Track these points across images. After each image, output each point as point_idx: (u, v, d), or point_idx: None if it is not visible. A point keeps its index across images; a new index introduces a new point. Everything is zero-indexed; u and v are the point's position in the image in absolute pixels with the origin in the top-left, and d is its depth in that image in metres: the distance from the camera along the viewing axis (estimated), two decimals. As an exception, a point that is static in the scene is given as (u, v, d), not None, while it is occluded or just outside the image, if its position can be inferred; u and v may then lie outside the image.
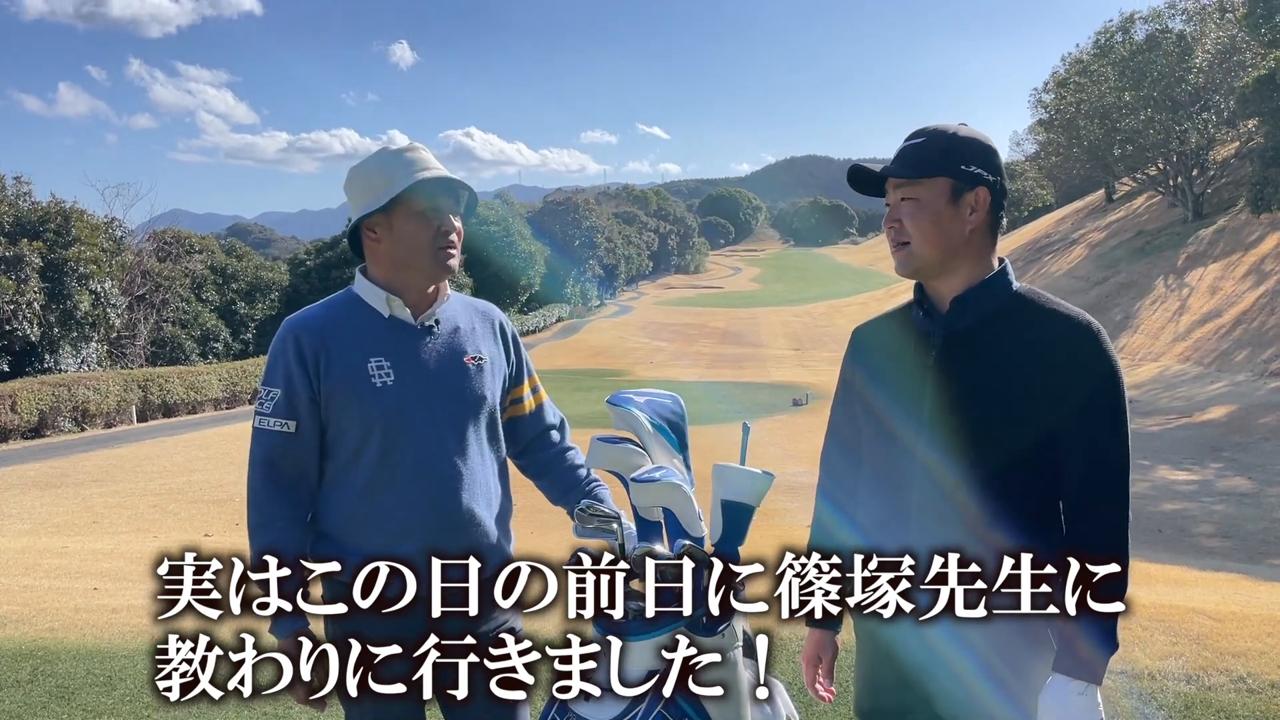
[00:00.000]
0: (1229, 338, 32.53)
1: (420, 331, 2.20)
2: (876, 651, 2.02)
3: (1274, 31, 33.32)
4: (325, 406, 2.14)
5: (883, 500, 1.95)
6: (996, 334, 1.86)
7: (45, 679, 4.45)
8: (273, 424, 2.13)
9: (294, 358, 2.13)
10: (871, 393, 2.01)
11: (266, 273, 50.72)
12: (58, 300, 30.74)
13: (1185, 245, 42.30)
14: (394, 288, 2.19)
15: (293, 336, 2.16)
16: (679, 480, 1.97)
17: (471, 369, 2.23)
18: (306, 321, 2.19)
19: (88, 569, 8.40)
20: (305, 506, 2.18)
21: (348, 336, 2.16)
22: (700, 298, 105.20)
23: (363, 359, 2.14)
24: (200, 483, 16.96)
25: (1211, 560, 11.65)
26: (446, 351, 2.22)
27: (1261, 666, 4.23)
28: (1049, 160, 61.72)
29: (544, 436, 2.43)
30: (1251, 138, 41.31)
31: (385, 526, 2.12)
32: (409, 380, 2.15)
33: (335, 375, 2.12)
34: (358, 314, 2.20)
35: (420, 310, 2.22)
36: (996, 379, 1.83)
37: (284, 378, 2.13)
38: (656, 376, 42.70)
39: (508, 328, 2.38)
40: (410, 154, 2.19)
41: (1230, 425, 23.92)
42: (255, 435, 2.16)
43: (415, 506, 2.13)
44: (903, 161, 1.89)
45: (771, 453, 18.28)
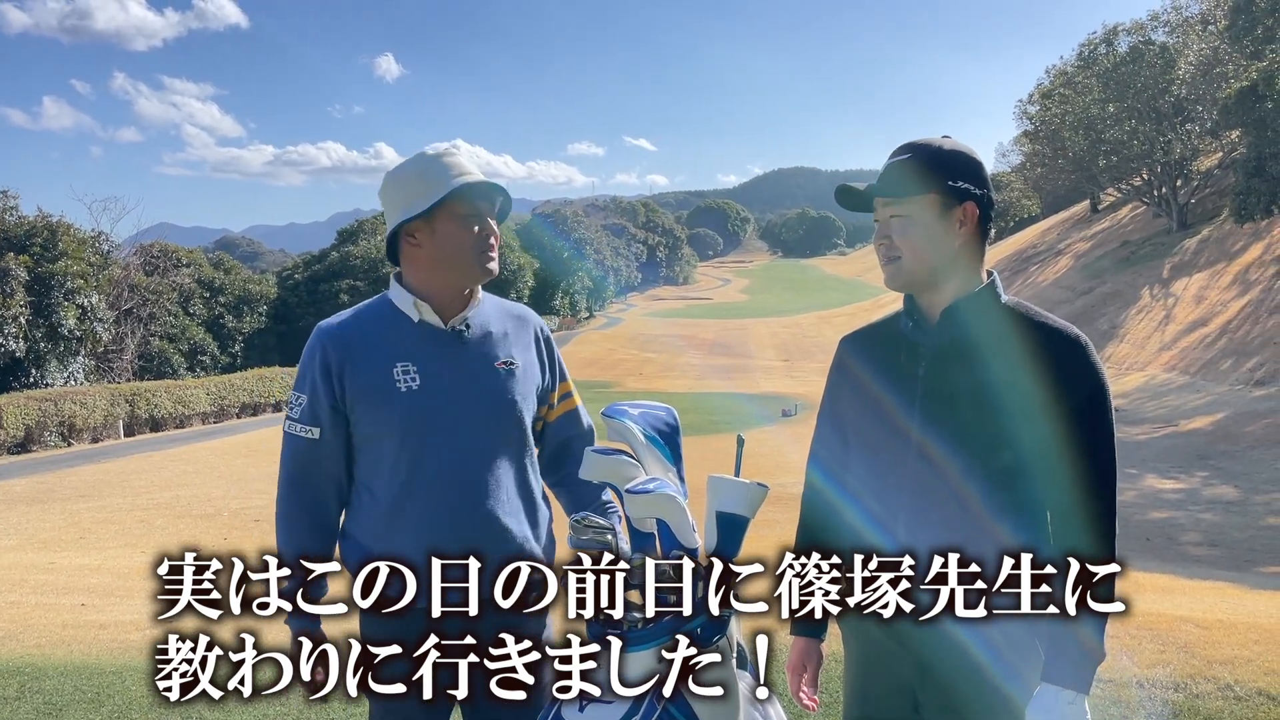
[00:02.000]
0: (1214, 347, 32.73)
1: (450, 336, 2.20)
2: (865, 660, 2.03)
3: (1256, 43, 33.66)
4: (350, 411, 2.15)
5: (872, 506, 1.96)
6: (985, 346, 1.88)
7: (33, 695, 4.42)
8: (299, 429, 2.16)
9: (319, 366, 2.15)
10: (860, 402, 2.01)
11: (254, 286, 50.62)
12: (44, 314, 30.58)
13: (1170, 255, 42.58)
14: (428, 292, 2.20)
15: (320, 345, 2.17)
16: (672, 492, 1.98)
17: (503, 374, 2.22)
18: (334, 328, 2.21)
19: (75, 585, 8.34)
20: (332, 511, 2.20)
21: (374, 341, 2.17)
22: (689, 309, 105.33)
23: (388, 364, 2.14)
24: (188, 497, 16.85)
25: (1199, 568, 11.70)
26: (476, 357, 2.21)
27: (1248, 674, 4.26)
28: (1034, 171, 62.00)
29: (569, 445, 2.40)
30: (1234, 148, 41.66)
31: (411, 532, 2.12)
32: (435, 385, 2.15)
33: (360, 381, 2.13)
34: (388, 319, 2.21)
35: (451, 315, 2.21)
36: (985, 390, 1.85)
37: (309, 385, 2.16)
38: (646, 388, 42.68)
39: (544, 332, 2.37)
40: (448, 159, 2.19)
41: (1216, 434, 24.05)
42: (285, 439, 2.19)
43: (440, 512, 2.13)
44: (890, 179, 1.90)
45: (762, 463, 18.28)
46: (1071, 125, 48.24)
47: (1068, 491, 1.83)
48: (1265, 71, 30.34)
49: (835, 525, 2.03)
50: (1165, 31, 46.91)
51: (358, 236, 54.92)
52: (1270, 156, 30.59)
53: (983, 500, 1.84)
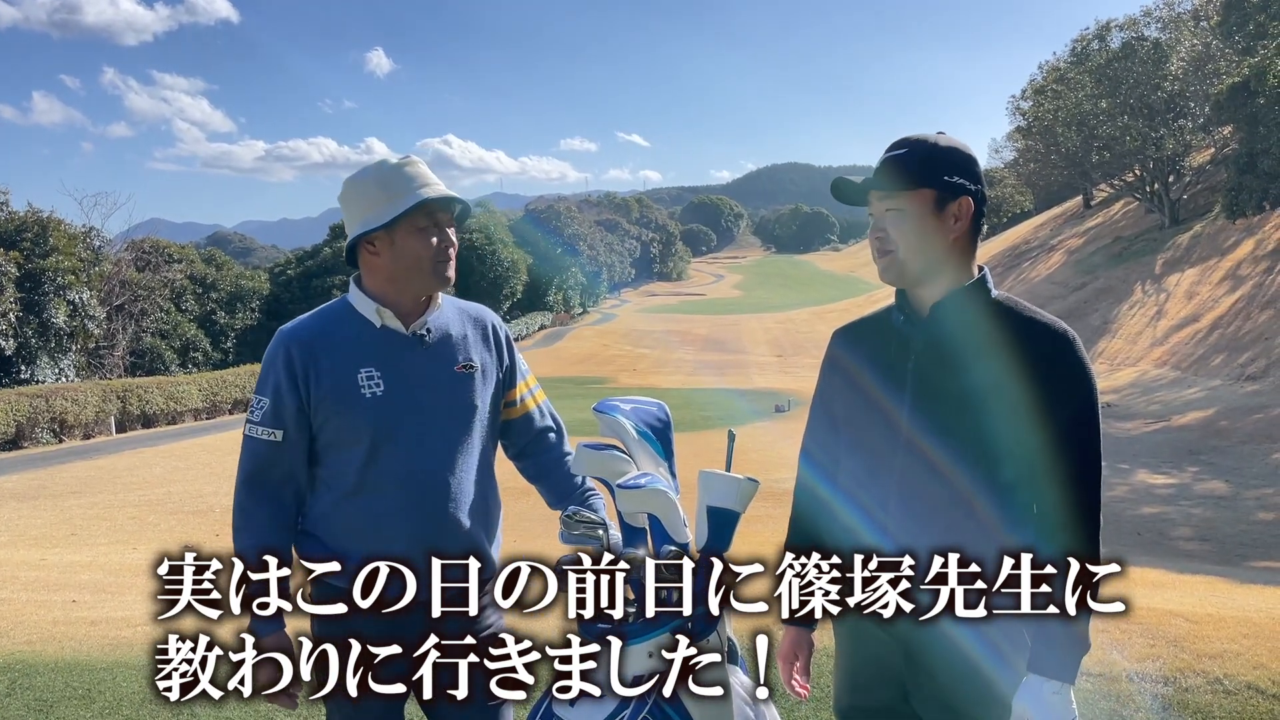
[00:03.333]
0: (1206, 342, 32.84)
1: (411, 341, 2.21)
2: (857, 651, 2.05)
3: (1248, 39, 33.74)
4: (315, 415, 2.16)
5: (862, 500, 1.98)
6: (974, 340, 1.89)
7: (23, 692, 4.40)
8: (261, 432, 2.16)
9: (283, 369, 2.15)
10: (851, 394, 2.03)
11: (247, 282, 50.42)
12: (35, 311, 30.45)
13: (1162, 251, 42.70)
14: (387, 299, 2.21)
15: (284, 348, 2.17)
16: (664, 486, 1.98)
17: (463, 377, 2.25)
18: (298, 332, 2.21)
19: (66, 581, 8.32)
20: (290, 510, 2.20)
21: (338, 347, 2.18)
22: (683, 305, 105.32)
23: (353, 370, 2.15)
24: (180, 494, 16.82)
25: (1189, 563, 11.75)
26: (437, 361, 2.23)
27: (1238, 668, 4.27)
28: (1027, 167, 62.16)
29: (540, 439, 2.43)
30: (1226, 144, 41.82)
31: (370, 532, 2.14)
32: (398, 391, 2.17)
33: (325, 386, 2.14)
34: (350, 324, 2.21)
35: (412, 319, 2.23)
36: (974, 384, 1.86)
37: (273, 388, 2.16)
38: (639, 384, 42.67)
39: (500, 331, 2.39)
40: (409, 169, 2.19)
41: (1208, 429, 24.14)
42: (244, 442, 2.18)
43: (401, 515, 2.15)
44: (886, 174, 1.91)
45: (755, 458, 18.30)
46: (1064, 121, 48.31)
47: (1053, 485, 1.85)
48: (1257, 67, 30.40)
49: (827, 522, 2.05)
50: (1158, 27, 47.04)
51: (350, 232, 54.72)
52: (1262, 152, 30.68)
53: (970, 493, 1.85)
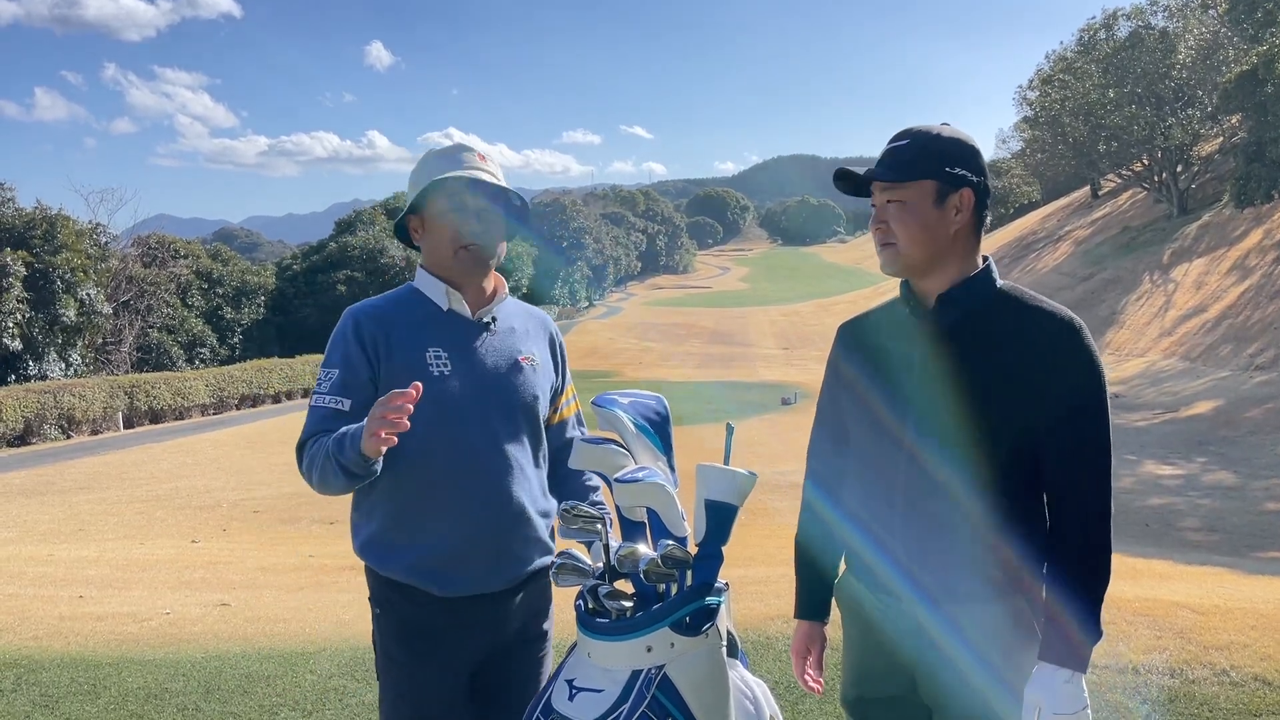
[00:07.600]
0: (1214, 332, 32.71)
1: (478, 327, 2.25)
2: (864, 642, 2.05)
3: (1256, 27, 33.54)
4: (382, 389, 2.13)
5: (870, 490, 1.98)
6: (980, 330, 1.89)
7: (29, 688, 4.42)
8: (327, 400, 2.15)
9: (354, 340, 2.17)
10: (859, 386, 2.03)
11: (253, 277, 50.49)
12: (43, 307, 30.54)
13: (1170, 241, 42.54)
14: (451, 281, 2.23)
15: (354, 321, 2.20)
16: (661, 480, 1.97)
17: (526, 368, 2.28)
18: (368, 309, 2.24)
19: (73, 577, 8.35)
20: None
21: (407, 326, 2.20)
22: (689, 298, 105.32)
23: (421, 348, 2.18)
24: (187, 489, 16.87)
25: (1197, 554, 11.71)
26: (502, 348, 2.26)
27: (1244, 660, 4.25)
28: (1034, 157, 61.98)
29: (567, 448, 2.43)
30: (1234, 133, 41.57)
31: (442, 518, 2.15)
32: (465, 372, 2.19)
33: (396, 362, 2.16)
34: (417, 305, 2.24)
35: (478, 306, 2.25)
36: (981, 374, 1.86)
37: (342, 358, 2.16)
38: (645, 377, 42.70)
39: (558, 337, 2.44)
40: (453, 153, 2.22)
41: (1216, 420, 24.06)
42: (309, 412, 2.18)
43: (467, 495, 2.16)
44: (888, 164, 1.90)
45: (761, 451, 18.29)
46: (1071, 111, 48.14)
47: (1062, 474, 1.84)
48: (1265, 55, 30.25)
49: (832, 548, 2.10)
50: (1165, 16, 46.84)
51: (355, 227, 54.77)
52: (1270, 141, 30.52)
53: (978, 484, 1.84)
